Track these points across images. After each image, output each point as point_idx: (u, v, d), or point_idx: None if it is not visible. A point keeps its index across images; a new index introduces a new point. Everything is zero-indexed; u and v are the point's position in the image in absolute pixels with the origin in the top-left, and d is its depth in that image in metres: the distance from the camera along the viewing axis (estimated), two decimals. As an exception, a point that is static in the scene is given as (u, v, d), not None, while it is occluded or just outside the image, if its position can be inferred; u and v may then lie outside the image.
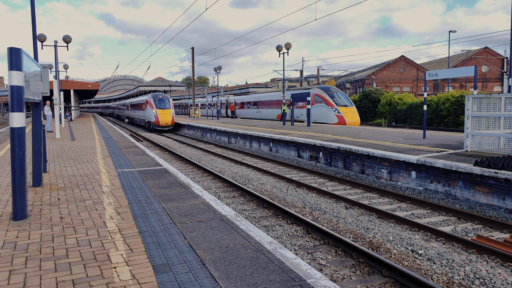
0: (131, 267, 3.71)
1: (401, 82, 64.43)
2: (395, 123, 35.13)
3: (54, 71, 22.47)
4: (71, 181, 7.82)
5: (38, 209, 5.73)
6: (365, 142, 13.36)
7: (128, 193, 6.75)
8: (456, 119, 28.17)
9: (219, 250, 4.12)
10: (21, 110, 5.06)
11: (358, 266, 5.38)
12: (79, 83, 45.85)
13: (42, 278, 3.49)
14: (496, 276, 5.05)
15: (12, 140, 5.04)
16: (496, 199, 7.99)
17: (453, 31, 42.17)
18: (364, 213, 7.95)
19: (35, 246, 4.26)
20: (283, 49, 24.11)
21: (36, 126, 7.06)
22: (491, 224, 7.08)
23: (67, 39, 20.12)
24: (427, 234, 6.67)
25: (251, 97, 40.59)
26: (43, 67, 7.84)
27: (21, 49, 5.04)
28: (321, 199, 9.07)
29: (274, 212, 7.89)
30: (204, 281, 3.42)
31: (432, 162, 9.31)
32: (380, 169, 11.14)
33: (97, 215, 5.39)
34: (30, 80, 5.94)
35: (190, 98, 57.57)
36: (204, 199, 6.36)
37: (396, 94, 38.92)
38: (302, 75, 56.40)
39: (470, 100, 10.14)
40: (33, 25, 11.74)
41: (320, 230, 6.49)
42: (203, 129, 27.32)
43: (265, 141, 18.43)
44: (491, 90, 60.74)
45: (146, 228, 4.87)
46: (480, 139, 10.25)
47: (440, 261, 5.52)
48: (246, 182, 10.96)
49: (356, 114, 26.34)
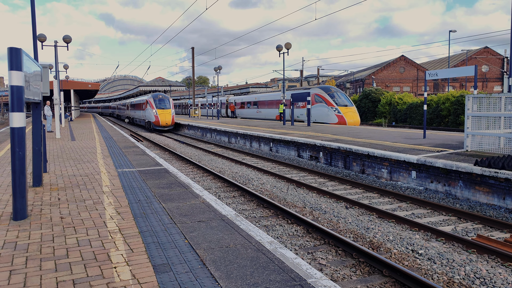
0: (131, 267, 3.71)
1: (401, 82, 64.43)
2: (395, 123, 35.13)
3: (54, 71, 22.47)
4: (71, 181, 7.82)
5: (38, 209, 5.73)
6: (365, 142, 13.36)
7: (128, 193, 6.75)
8: (456, 119, 28.17)
9: (219, 250, 4.12)
10: (21, 110, 5.06)
11: (359, 266, 5.38)
12: (79, 83, 45.85)
13: (42, 278, 3.49)
14: (497, 276, 5.05)
15: (12, 140, 5.04)
16: (496, 198, 7.98)
17: (453, 31, 42.15)
18: (364, 213, 7.95)
19: (35, 246, 4.26)
20: (283, 49, 24.11)
21: (36, 126, 7.06)
22: (492, 224, 7.07)
23: (67, 39, 20.12)
24: (428, 234, 6.67)
25: (251, 97, 40.58)
26: (43, 67, 7.84)
27: (21, 49, 5.04)
28: (321, 199, 9.07)
29: (274, 212, 7.89)
30: (205, 281, 3.42)
31: (432, 162, 9.30)
32: (380, 169, 11.14)
33: (97, 215, 5.39)
34: (30, 80, 5.94)
35: (190, 98, 57.58)
36: (204, 199, 6.36)
37: (396, 94, 38.93)
38: (302, 75, 56.40)
39: (470, 100, 10.14)
40: (33, 25, 11.74)
41: (321, 230, 6.49)
42: (203, 129, 27.32)
43: (265, 141, 18.43)
44: (491, 90, 60.73)
45: (146, 228, 4.87)
46: (480, 139, 10.25)
47: (440, 261, 5.52)
48: (246, 182, 10.96)
49: (356, 114, 26.33)
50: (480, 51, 61.80)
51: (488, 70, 61.78)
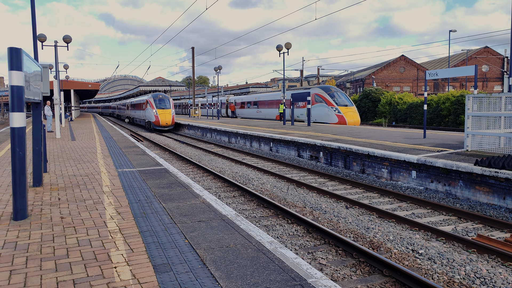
0: (131, 267, 3.71)
1: (401, 82, 64.40)
2: (395, 122, 35.13)
3: (54, 71, 22.48)
4: (72, 181, 7.82)
5: (38, 209, 5.73)
6: (365, 141, 13.36)
7: (128, 193, 6.75)
8: (457, 118, 28.17)
9: (219, 250, 4.12)
10: (21, 110, 5.06)
11: (359, 266, 5.38)
12: (79, 83, 45.85)
13: (42, 278, 3.49)
14: (497, 276, 5.05)
15: (12, 140, 5.04)
16: (497, 198, 7.98)
17: (453, 31, 42.15)
18: (364, 213, 7.95)
19: (35, 246, 4.26)
20: (283, 49, 24.11)
21: (36, 126, 7.06)
22: (492, 223, 7.07)
23: (67, 39, 20.12)
24: (428, 233, 6.67)
25: (251, 97, 40.57)
26: (43, 67, 7.84)
27: (21, 49, 5.04)
28: (321, 199, 9.07)
29: (274, 212, 7.89)
30: (205, 281, 3.42)
31: (432, 161, 9.30)
32: (380, 169, 11.14)
33: (98, 215, 5.39)
34: (30, 80, 5.94)
35: (190, 98, 57.57)
36: (205, 199, 6.36)
37: (396, 93, 38.93)
38: (302, 74, 56.37)
39: (471, 100, 10.14)
40: (33, 25, 11.74)
41: (321, 230, 6.49)
42: (203, 129, 27.32)
43: (265, 141, 18.43)
44: (492, 89, 60.71)
45: (147, 228, 4.87)
46: (480, 139, 10.25)
47: (440, 261, 5.52)
48: (247, 182, 10.96)
49: (357, 113, 26.33)
50: (480, 51, 61.78)
51: (488, 70, 61.76)
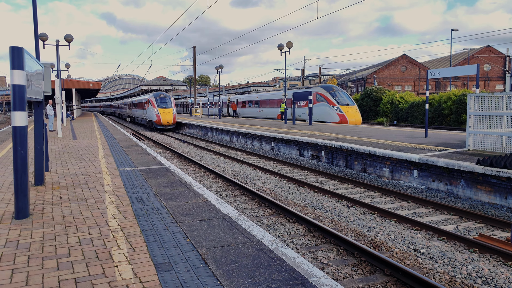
0: (133, 266, 3.71)
1: (402, 81, 64.31)
2: (396, 122, 35.09)
3: (56, 70, 22.51)
4: (73, 180, 7.84)
5: (40, 208, 5.74)
6: (366, 141, 13.34)
7: (130, 192, 6.75)
8: (458, 117, 28.12)
9: (221, 249, 4.12)
10: (23, 109, 5.06)
11: (360, 265, 5.38)
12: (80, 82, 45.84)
13: (44, 276, 3.50)
14: (498, 275, 5.05)
15: (14, 139, 5.05)
16: (498, 198, 7.97)
17: (455, 30, 42.10)
18: (366, 212, 7.94)
19: (37, 244, 4.27)
20: (285, 48, 24.08)
21: (38, 125, 7.07)
22: (493, 223, 7.06)
23: (69, 38, 20.15)
24: (429, 233, 6.66)
25: (252, 96, 40.54)
26: (45, 66, 7.85)
27: (23, 48, 5.05)
28: (322, 198, 9.06)
29: (275, 211, 7.89)
30: (206, 280, 3.42)
31: (434, 161, 9.29)
32: (382, 168, 11.13)
33: (99, 214, 5.40)
34: (32, 79, 5.95)
35: (192, 97, 57.60)
36: (206, 198, 6.36)
37: (398, 93, 38.89)
38: (303, 74, 56.31)
39: (472, 99, 10.12)
40: (35, 25, 11.75)
41: (322, 229, 6.49)
42: (205, 128, 27.32)
43: (266, 140, 18.42)
44: (493, 88, 60.57)
45: (148, 227, 4.88)
46: (482, 138, 10.23)
47: (442, 260, 5.51)
48: (248, 181, 10.96)
49: (358, 113, 26.29)
50: (482, 50, 61.64)
51: (490, 69, 61.62)
